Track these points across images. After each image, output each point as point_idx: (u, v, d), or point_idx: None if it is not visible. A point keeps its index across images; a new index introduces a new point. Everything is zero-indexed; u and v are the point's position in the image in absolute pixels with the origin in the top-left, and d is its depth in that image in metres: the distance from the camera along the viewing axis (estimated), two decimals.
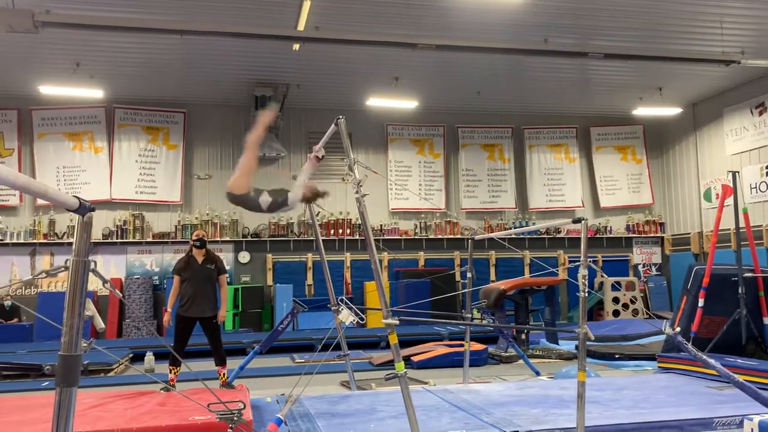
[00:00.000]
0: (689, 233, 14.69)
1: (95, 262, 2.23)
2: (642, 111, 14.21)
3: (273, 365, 8.97)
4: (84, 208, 2.15)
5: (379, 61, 11.22)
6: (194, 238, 7.17)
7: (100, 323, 11.53)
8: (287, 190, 5.20)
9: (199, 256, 7.09)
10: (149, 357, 8.59)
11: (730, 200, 7.96)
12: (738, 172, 8.51)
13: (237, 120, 13.58)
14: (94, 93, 11.91)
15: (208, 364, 7.10)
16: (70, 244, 2.36)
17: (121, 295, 12.17)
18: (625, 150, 15.56)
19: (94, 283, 11.02)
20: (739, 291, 7.39)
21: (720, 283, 7.46)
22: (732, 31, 10.12)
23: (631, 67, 11.71)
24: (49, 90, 11.63)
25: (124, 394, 5.49)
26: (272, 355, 9.26)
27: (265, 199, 5.12)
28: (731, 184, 7.97)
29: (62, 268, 2.24)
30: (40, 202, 12.28)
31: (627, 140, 15.59)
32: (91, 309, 11.16)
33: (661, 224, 15.50)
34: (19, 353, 9.05)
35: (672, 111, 14.22)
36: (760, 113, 12.75)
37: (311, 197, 5.32)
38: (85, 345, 2.16)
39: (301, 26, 9.16)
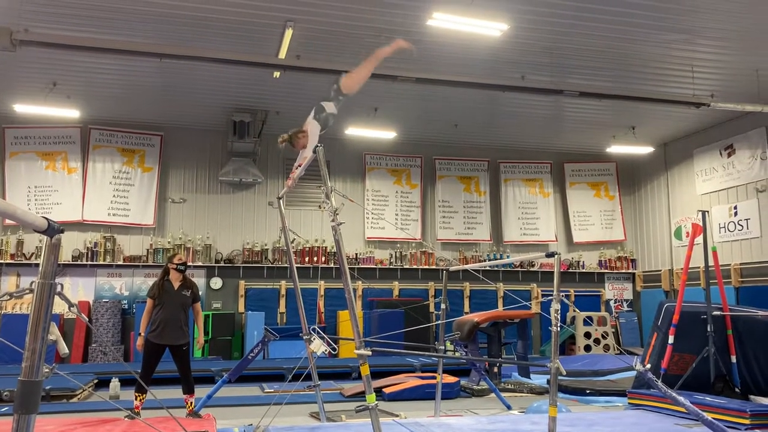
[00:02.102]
0: (660, 270, 14.90)
1: (62, 285, 2.18)
2: (615, 149, 14.50)
3: (242, 394, 8.81)
4: (52, 230, 2.11)
5: (358, 91, 11.29)
6: (177, 262, 7.05)
7: (64, 348, 11.22)
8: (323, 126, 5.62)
9: (175, 281, 6.98)
10: (114, 383, 8.38)
11: (699, 239, 8.10)
12: (707, 211, 8.69)
13: (214, 144, 13.54)
14: (70, 113, 11.79)
15: (176, 392, 6.95)
16: (38, 265, 2.31)
17: (87, 319, 11.85)
18: (598, 186, 15.82)
19: (60, 306, 10.76)
20: (708, 329, 7.49)
21: (689, 321, 7.55)
22: (702, 75, 10.44)
23: (604, 106, 11.97)
24: (24, 109, 11.49)
25: (87, 421, 5.34)
26: (241, 384, 9.10)
27: (330, 108, 5.71)
28: (701, 223, 8.13)
29: (27, 291, 2.19)
30: (8, 221, 12.04)
31: (600, 177, 15.86)
32: (55, 333, 10.86)
33: (633, 261, 15.71)
34: None
35: (644, 150, 14.53)
36: (729, 155, 13.09)
37: (295, 142, 5.62)
38: (46, 370, 2.09)
39: (282, 54, 9.22)
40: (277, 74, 10.17)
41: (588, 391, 8.75)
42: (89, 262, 12.62)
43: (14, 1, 7.93)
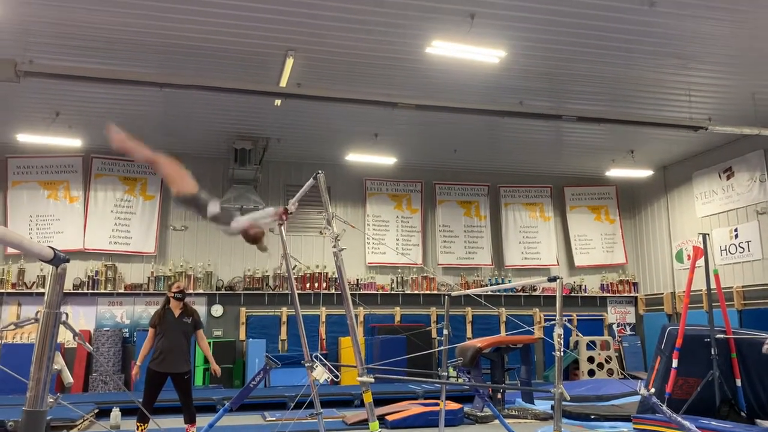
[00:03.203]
0: (662, 293, 14.86)
1: (66, 314, 2.20)
2: (614, 172, 14.56)
3: (243, 423, 8.73)
4: (58, 259, 2.13)
5: (359, 118, 11.42)
6: (174, 290, 7.04)
7: (68, 377, 11.04)
8: (233, 214, 5.12)
9: (176, 309, 6.97)
10: (115, 413, 8.31)
11: (701, 262, 8.10)
12: (708, 234, 8.70)
13: (215, 172, 13.59)
14: (72, 142, 11.88)
15: (177, 421, 6.90)
16: (39, 294, 2.32)
17: (91, 348, 11.81)
18: (598, 210, 15.85)
19: (61, 335, 10.70)
20: (712, 352, 7.45)
21: (693, 344, 7.52)
22: (699, 99, 10.53)
23: (603, 130, 12.06)
24: (27, 138, 11.59)
25: None
26: (243, 413, 9.02)
27: (213, 210, 5.09)
28: (702, 246, 8.14)
29: (32, 320, 2.20)
30: (10, 250, 12.05)
31: (600, 200, 15.90)
32: (59, 362, 10.76)
33: (635, 284, 15.67)
34: None
35: (643, 173, 14.59)
36: (728, 177, 13.14)
37: (250, 238, 5.07)
38: (51, 400, 2.10)
39: (283, 83, 9.32)
40: (278, 102, 10.27)
41: (593, 417, 8.68)
42: (90, 291, 12.59)
43: (19, 33, 8.05)
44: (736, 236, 12.90)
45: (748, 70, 9.59)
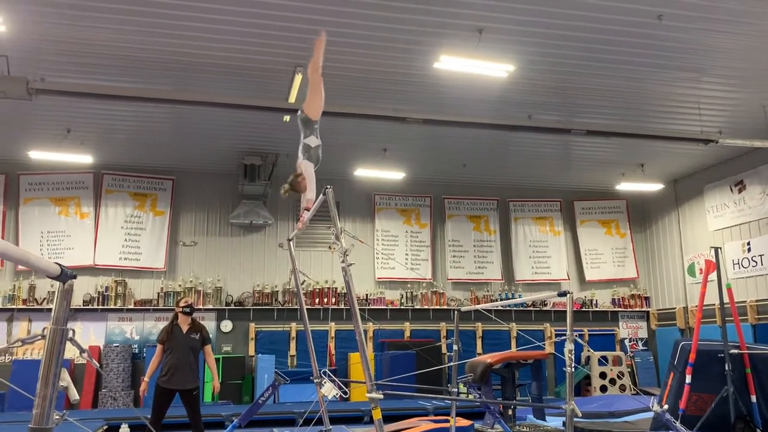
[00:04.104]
0: (674, 308, 14.71)
1: (73, 331, 2.19)
2: (625, 186, 14.48)
3: None
4: (65, 275, 2.13)
5: (368, 133, 11.45)
6: (183, 305, 7.04)
7: (74, 394, 11.08)
8: (309, 161, 5.54)
9: (184, 324, 6.96)
10: (124, 429, 8.30)
11: (713, 276, 8.02)
12: (720, 248, 8.62)
13: (225, 188, 13.65)
14: (84, 159, 11.98)
15: None
16: (50, 310, 2.31)
17: (98, 365, 11.83)
18: (609, 224, 15.75)
19: (70, 351, 10.73)
20: (726, 368, 7.35)
21: (706, 360, 7.42)
22: (709, 112, 10.48)
23: (612, 144, 12.02)
24: (38, 155, 11.69)
25: None
26: (252, 429, 8.95)
27: (310, 142, 5.62)
28: (714, 260, 8.06)
29: (39, 337, 2.19)
30: (20, 267, 12.11)
31: (611, 214, 15.81)
32: (66, 379, 10.77)
33: (647, 298, 15.52)
34: None
35: (654, 187, 14.50)
36: (740, 191, 13.04)
37: (295, 183, 5.50)
38: (57, 417, 2.08)
39: (291, 99, 9.36)
40: (287, 118, 10.30)
41: None
42: (100, 307, 12.62)
43: (31, 52, 8.15)
44: (749, 250, 12.77)
45: (759, 83, 9.54)
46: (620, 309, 15.35)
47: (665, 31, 7.95)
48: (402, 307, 14.15)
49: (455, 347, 6.78)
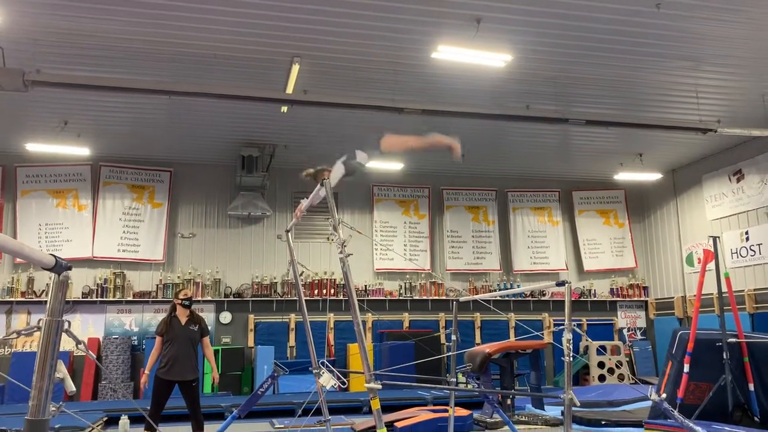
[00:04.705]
0: (673, 297, 14.74)
1: (69, 322, 2.18)
2: (623, 176, 14.47)
3: (252, 430, 8.70)
4: (60, 267, 2.12)
5: (365, 123, 11.39)
6: (182, 297, 7.05)
7: (71, 386, 11.07)
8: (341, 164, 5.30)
9: (182, 316, 6.97)
10: (124, 421, 8.30)
11: (711, 265, 8.03)
12: (718, 237, 8.62)
13: (223, 179, 13.63)
14: (81, 151, 11.94)
15: (185, 429, 6.88)
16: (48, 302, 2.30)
17: (95, 356, 11.81)
18: (607, 214, 15.76)
19: (69, 343, 10.74)
20: (724, 357, 7.37)
21: (705, 349, 7.44)
22: (708, 101, 10.47)
23: (611, 134, 11.99)
24: (35, 147, 11.65)
25: None
26: (251, 420, 9.00)
27: (362, 158, 5.37)
28: (712, 249, 8.06)
29: (35, 328, 2.19)
30: (19, 259, 12.09)
31: (609, 204, 15.81)
32: (62, 371, 10.76)
33: (645, 288, 15.55)
34: None
35: (652, 176, 14.50)
36: (738, 180, 13.03)
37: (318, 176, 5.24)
38: (53, 409, 2.08)
39: (289, 89, 9.33)
40: (284, 109, 10.28)
41: (603, 422, 8.59)
42: (99, 299, 12.62)
43: (27, 43, 8.10)
44: (747, 239, 12.79)
45: (758, 72, 9.52)
46: (618, 299, 15.38)
47: (663, 19, 7.92)
48: (401, 298, 14.17)
49: (454, 337, 6.79)
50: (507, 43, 8.34)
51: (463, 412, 8.71)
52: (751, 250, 12.69)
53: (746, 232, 12.82)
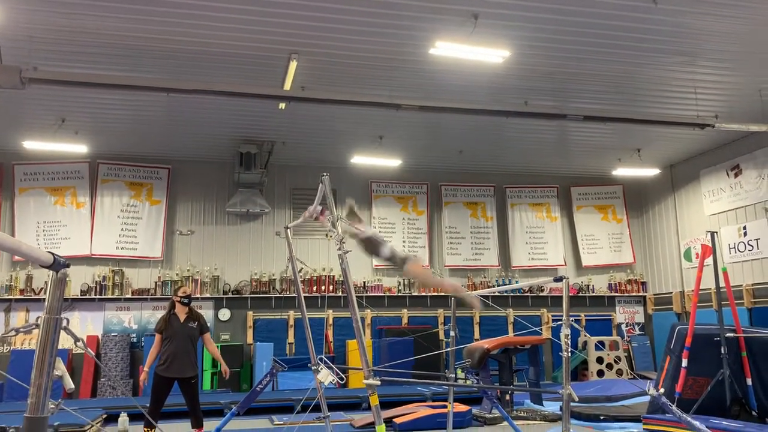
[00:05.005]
0: (671, 292, 14.76)
1: (68, 320, 2.18)
2: (621, 171, 14.48)
3: (251, 427, 8.71)
4: (58, 264, 2.12)
5: (363, 120, 11.41)
6: (181, 294, 7.05)
7: (69, 383, 11.05)
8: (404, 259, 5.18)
9: (181, 313, 6.97)
10: (123, 418, 8.31)
11: (709, 260, 8.04)
12: (716, 232, 8.64)
13: (221, 176, 13.63)
14: (79, 148, 11.92)
15: (185, 426, 6.89)
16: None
17: (93, 354, 11.78)
18: (605, 209, 15.77)
19: (68, 341, 10.72)
20: (722, 351, 7.39)
21: (703, 343, 7.46)
22: (705, 96, 10.47)
23: (609, 129, 12.00)
24: (33, 145, 11.63)
25: None
26: (250, 417, 9.01)
27: (388, 250, 5.14)
28: (710, 244, 8.07)
29: (34, 326, 2.19)
30: (17, 257, 12.08)
31: (607, 200, 15.83)
32: (60, 368, 10.75)
33: (643, 283, 15.58)
34: None
35: (650, 172, 14.51)
36: (736, 175, 13.05)
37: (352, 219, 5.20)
38: (52, 406, 2.08)
39: (287, 86, 9.32)
40: (282, 106, 10.27)
41: (602, 418, 8.62)
42: (98, 297, 12.62)
43: (23, 40, 8.07)
44: (745, 234, 12.81)
45: (756, 67, 9.52)
46: (617, 294, 15.41)
47: (661, 15, 7.91)
48: (399, 294, 14.19)
49: (452, 333, 6.79)
50: (505, 39, 8.33)
51: (462, 407, 8.73)
52: (749, 245, 12.71)
53: (744, 227, 12.84)
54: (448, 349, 6.84)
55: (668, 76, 9.87)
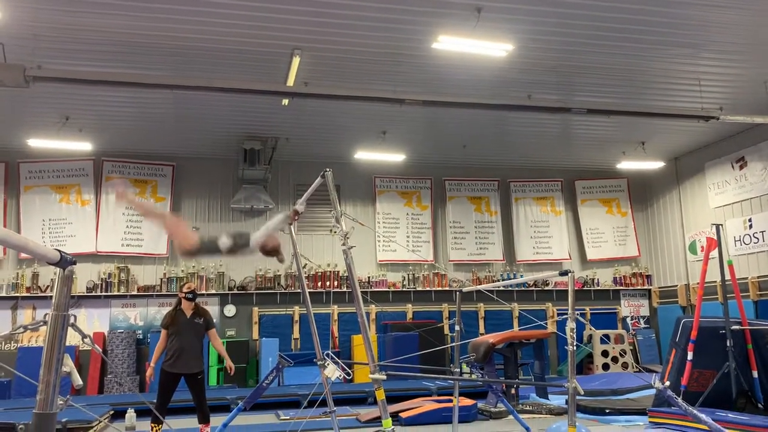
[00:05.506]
0: (676, 285, 14.74)
1: (75, 317, 2.20)
2: (625, 165, 14.44)
3: (257, 422, 8.75)
4: (65, 261, 2.13)
5: (367, 115, 11.40)
6: (186, 290, 7.07)
7: (77, 380, 11.18)
8: (248, 233, 4.97)
9: (187, 309, 6.99)
10: (130, 414, 8.35)
11: (715, 253, 8.03)
12: (722, 224, 8.61)
13: (225, 172, 13.65)
14: (83, 146, 11.95)
15: (191, 422, 6.92)
16: (53, 297, 2.32)
17: (101, 350, 11.90)
18: (610, 203, 15.74)
19: (75, 338, 10.77)
20: (728, 344, 7.38)
21: (708, 336, 7.45)
22: (710, 88, 10.42)
23: (613, 122, 11.96)
24: (37, 143, 11.66)
25: None
26: (257, 412, 9.05)
27: (224, 242, 4.86)
28: (715, 237, 8.05)
29: (41, 323, 2.20)
30: (23, 255, 12.14)
31: (612, 193, 15.79)
32: (68, 365, 10.84)
33: (648, 276, 15.55)
34: None
35: (655, 165, 14.46)
36: (741, 167, 13.00)
37: (268, 251, 4.98)
38: (61, 403, 2.10)
39: (290, 82, 9.32)
40: (285, 102, 10.27)
41: (608, 411, 8.62)
42: (103, 293, 12.67)
43: (27, 39, 8.09)
44: (750, 226, 12.77)
45: (761, 58, 9.47)
46: (622, 287, 15.39)
47: (665, 6, 7.88)
48: (404, 289, 14.20)
49: (457, 328, 6.80)
50: (508, 33, 8.30)
51: (467, 401, 8.75)
52: (755, 237, 12.67)
53: (749, 220, 12.80)
54: (453, 343, 6.85)
55: (672, 68, 9.82)
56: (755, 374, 7.62)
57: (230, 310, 13.27)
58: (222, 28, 8.19)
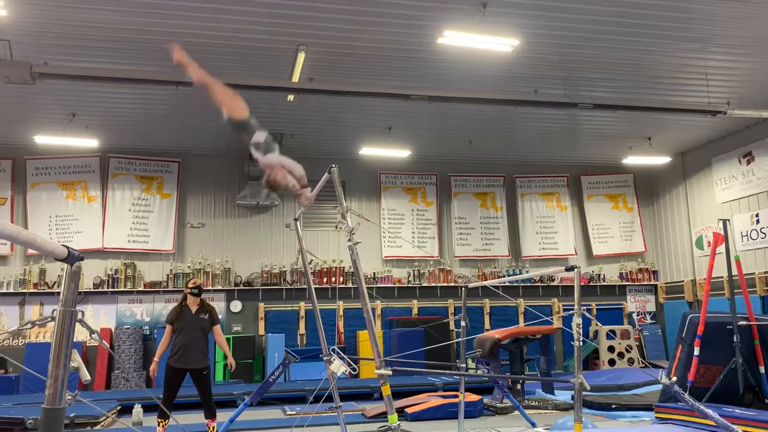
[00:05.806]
0: (682, 281, 14.69)
1: (83, 312, 2.21)
2: (632, 160, 14.39)
3: (264, 417, 8.78)
4: (72, 257, 2.14)
5: (372, 111, 11.39)
6: (191, 285, 7.08)
7: (85, 375, 11.15)
8: (275, 146, 5.01)
9: (193, 305, 7.01)
10: (137, 409, 8.40)
11: (722, 248, 7.99)
12: (728, 220, 8.57)
13: (231, 169, 13.67)
14: (89, 142, 11.98)
15: (198, 417, 6.95)
16: (60, 293, 2.33)
17: (108, 346, 11.95)
18: (616, 198, 15.69)
19: (82, 334, 10.82)
20: (734, 339, 7.35)
21: (715, 332, 7.43)
22: (717, 83, 10.37)
23: (619, 117, 11.92)
24: (44, 140, 11.70)
25: None
26: (263, 407, 9.09)
27: (258, 138, 4.95)
28: (722, 232, 8.02)
29: (49, 319, 2.21)
30: (31, 251, 12.20)
31: (618, 189, 15.74)
32: (77, 360, 10.88)
33: (654, 272, 15.51)
34: (3, 406, 8.84)
35: (661, 160, 14.40)
36: (748, 162, 12.93)
37: (269, 181, 4.84)
38: (69, 398, 2.11)
39: (295, 78, 9.32)
40: (291, 98, 10.27)
41: (614, 406, 8.61)
42: (110, 289, 12.73)
43: (34, 36, 8.12)
44: (758, 221, 12.70)
45: (767, 52, 9.40)
46: (628, 283, 15.36)
47: (671, 0, 7.83)
48: (409, 285, 14.21)
49: (463, 323, 6.80)
50: (514, 28, 8.28)
51: (473, 397, 8.76)
52: (762, 232, 12.61)
53: (756, 215, 12.73)
54: (459, 339, 6.85)
55: (679, 63, 9.77)
56: (762, 370, 7.59)
57: (236, 306, 13.31)
58: (227, 24, 8.19)
